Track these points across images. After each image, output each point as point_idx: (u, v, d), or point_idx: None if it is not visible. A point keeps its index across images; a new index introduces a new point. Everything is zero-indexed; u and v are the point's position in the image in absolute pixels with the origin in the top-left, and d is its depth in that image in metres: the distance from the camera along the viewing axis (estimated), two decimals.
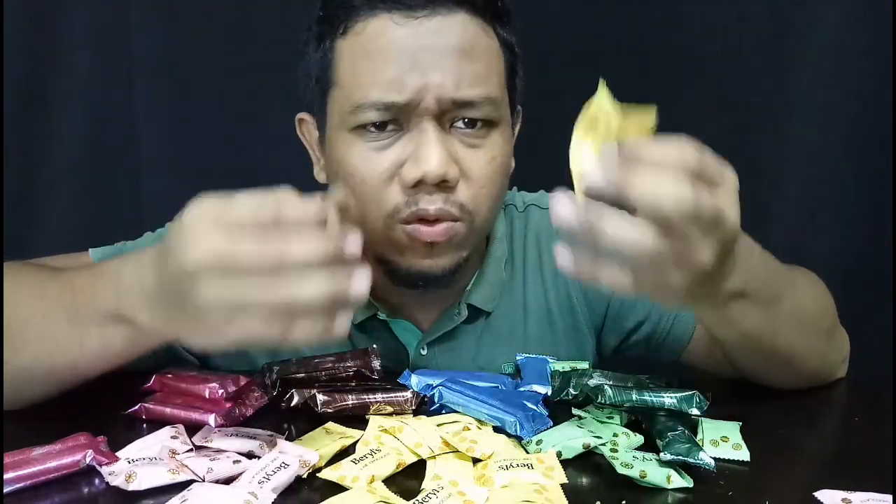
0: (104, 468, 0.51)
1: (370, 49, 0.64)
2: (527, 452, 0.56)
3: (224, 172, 1.21)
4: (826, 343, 0.71)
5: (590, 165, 0.46)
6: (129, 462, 0.51)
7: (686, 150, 0.45)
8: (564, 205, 0.46)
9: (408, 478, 0.52)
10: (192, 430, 0.57)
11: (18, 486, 0.49)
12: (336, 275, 0.46)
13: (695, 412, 0.58)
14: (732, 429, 0.60)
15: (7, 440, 0.53)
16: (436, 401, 0.62)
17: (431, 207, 0.65)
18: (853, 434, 0.66)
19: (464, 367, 0.75)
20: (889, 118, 1.09)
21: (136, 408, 0.61)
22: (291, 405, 0.62)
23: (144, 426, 0.60)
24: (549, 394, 0.66)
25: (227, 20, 1.21)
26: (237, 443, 0.55)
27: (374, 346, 0.70)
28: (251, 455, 0.54)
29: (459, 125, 0.66)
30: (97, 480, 0.51)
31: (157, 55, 1.22)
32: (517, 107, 0.75)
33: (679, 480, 0.51)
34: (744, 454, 0.57)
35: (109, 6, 1.20)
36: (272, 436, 0.56)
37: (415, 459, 0.54)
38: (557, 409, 0.63)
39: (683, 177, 0.43)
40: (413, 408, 0.62)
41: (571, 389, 0.64)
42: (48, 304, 0.57)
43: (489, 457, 0.54)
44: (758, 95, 1.16)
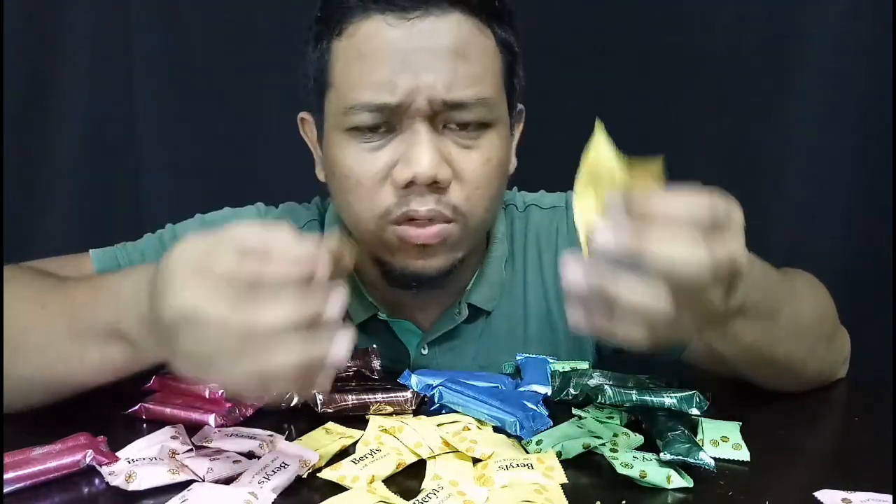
0: (104, 468, 0.51)
1: (363, 50, 0.64)
2: (527, 452, 0.56)
3: (224, 172, 1.22)
4: (826, 347, 0.71)
5: (596, 223, 0.44)
6: (129, 462, 0.51)
7: (696, 203, 0.42)
8: (574, 269, 0.44)
9: (408, 478, 0.52)
10: (192, 430, 0.57)
11: (18, 486, 0.49)
12: (312, 340, 0.43)
13: (695, 412, 0.58)
14: (732, 429, 0.60)
15: (7, 440, 0.53)
16: (436, 401, 0.62)
17: (422, 208, 0.65)
18: (853, 434, 0.66)
19: (464, 367, 0.75)
20: (889, 118, 1.09)
21: (136, 408, 0.61)
22: (291, 405, 0.61)
23: (144, 426, 0.60)
24: (549, 394, 0.66)
25: (227, 20, 1.21)
26: (237, 443, 0.55)
27: (374, 346, 0.69)
28: (251, 455, 0.54)
29: (453, 126, 0.66)
30: (97, 480, 0.51)
31: (157, 55, 1.22)
32: (518, 106, 0.74)
33: (679, 480, 0.52)
34: (744, 454, 0.57)
35: (109, 6, 1.20)
36: (272, 436, 0.56)
37: (415, 459, 0.54)
38: (557, 409, 0.63)
39: (697, 234, 0.41)
40: (413, 408, 0.62)
41: (571, 389, 0.64)
42: (49, 316, 0.56)
43: (489, 457, 0.54)
44: (758, 95, 1.15)
